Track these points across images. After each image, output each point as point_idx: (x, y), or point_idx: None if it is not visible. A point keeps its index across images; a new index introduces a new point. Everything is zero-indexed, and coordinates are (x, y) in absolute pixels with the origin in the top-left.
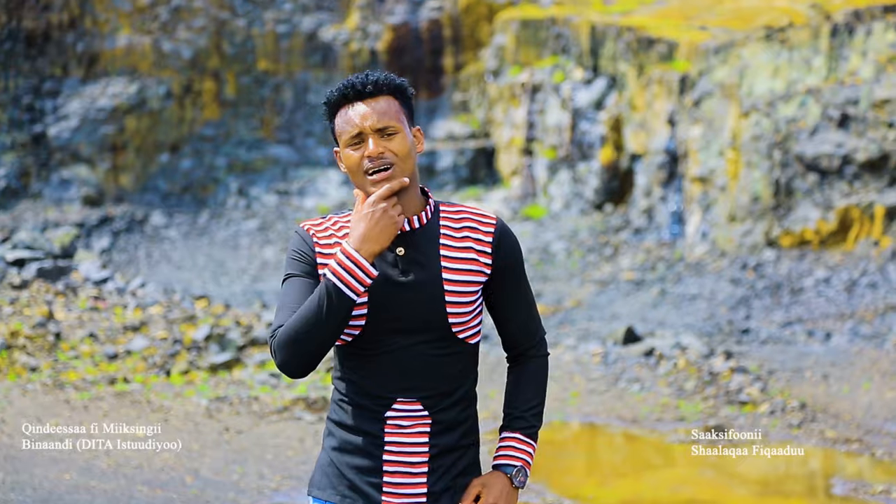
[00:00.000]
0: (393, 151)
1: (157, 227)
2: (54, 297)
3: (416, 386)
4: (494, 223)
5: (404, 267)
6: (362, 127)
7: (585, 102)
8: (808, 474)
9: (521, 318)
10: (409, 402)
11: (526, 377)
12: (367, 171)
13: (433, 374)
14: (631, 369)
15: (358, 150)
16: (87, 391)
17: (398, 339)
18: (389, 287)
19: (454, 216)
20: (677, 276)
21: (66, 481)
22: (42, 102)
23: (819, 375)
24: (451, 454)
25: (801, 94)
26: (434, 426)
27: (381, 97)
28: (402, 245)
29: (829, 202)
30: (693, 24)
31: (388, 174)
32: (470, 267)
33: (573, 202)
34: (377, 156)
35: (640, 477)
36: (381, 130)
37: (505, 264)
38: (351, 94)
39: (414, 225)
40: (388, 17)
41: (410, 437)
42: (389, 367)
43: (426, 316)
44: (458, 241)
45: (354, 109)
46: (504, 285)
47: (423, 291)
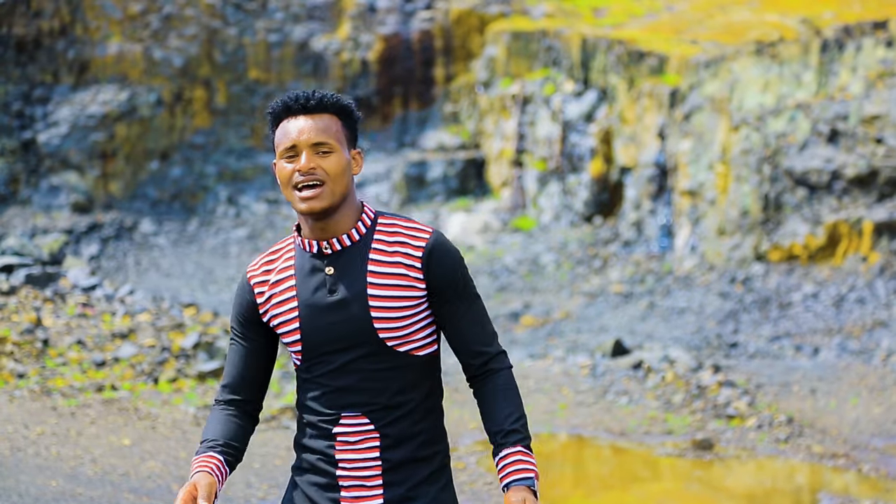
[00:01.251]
0: (325, 169)
1: (147, 235)
2: (42, 304)
3: (360, 401)
4: (427, 237)
5: (331, 286)
6: (298, 140)
7: (576, 115)
8: (795, 489)
9: (470, 334)
10: (354, 416)
11: (498, 392)
12: (296, 184)
13: (375, 388)
14: (619, 382)
15: (291, 162)
16: (74, 398)
17: (337, 357)
18: (317, 308)
19: (388, 230)
20: (666, 290)
21: (53, 488)
22: (32, 109)
23: (807, 390)
24: (407, 466)
25: (790, 108)
26: (383, 440)
27: (324, 115)
28: (332, 264)
29: (817, 217)
30: (684, 37)
31: (318, 192)
32: (399, 282)
33: (563, 214)
34: (307, 171)
35: (627, 490)
36: (316, 146)
37: (440, 279)
38: (294, 107)
39: (345, 243)
40: (379, 27)
41: (360, 452)
42: (332, 384)
43: (355, 332)
44: (389, 256)
45: (294, 122)
46: (445, 301)
47: (349, 309)
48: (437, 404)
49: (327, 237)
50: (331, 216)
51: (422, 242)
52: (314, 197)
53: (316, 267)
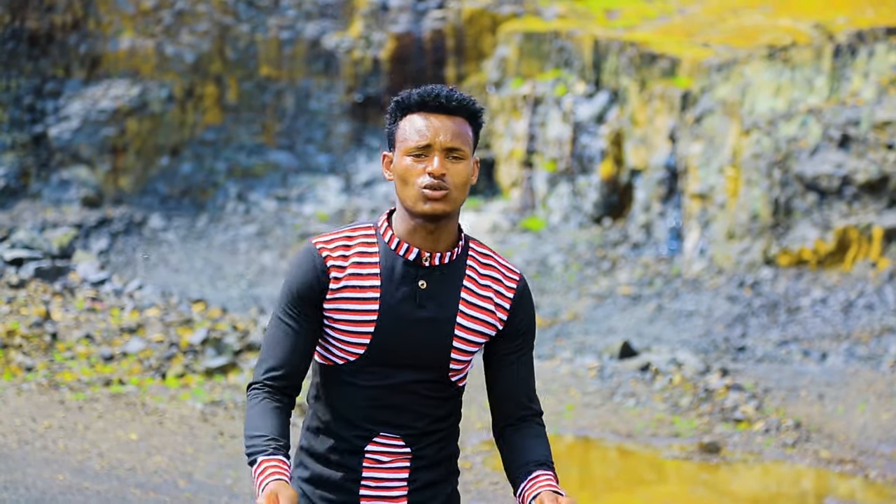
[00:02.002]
0: (454, 178)
1: (156, 230)
2: (51, 298)
3: (402, 423)
4: (518, 279)
5: (421, 301)
6: (433, 141)
7: (587, 116)
8: (802, 494)
9: (524, 385)
10: (391, 437)
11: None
12: (421, 185)
13: (421, 413)
14: (626, 384)
15: (420, 162)
16: (82, 392)
17: (393, 373)
18: (401, 320)
19: (482, 259)
20: (674, 292)
21: (60, 482)
22: (43, 103)
23: (814, 395)
24: (432, 487)
25: (802, 113)
26: (414, 461)
27: (459, 117)
28: (425, 278)
29: (827, 222)
30: (696, 40)
31: (442, 195)
32: (485, 317)
33: (572, 215)
34: (439, 175)
35: (633, 492)
36: (450, 150)
37: (520, 324)
38: (431, 103)
39: (444, 260)
40: (391, 25)
41: (389, 472)
42: (378, 400)
43: (429, 355)
44: (480, 288)
45: (429, 120)
46: (513, 346)
47: (434, 329)
48: (458, 431)
49: (430, 248)
50: (445, 224)
51: (514, 284)
52: (439, 199)
53: (408, 275)
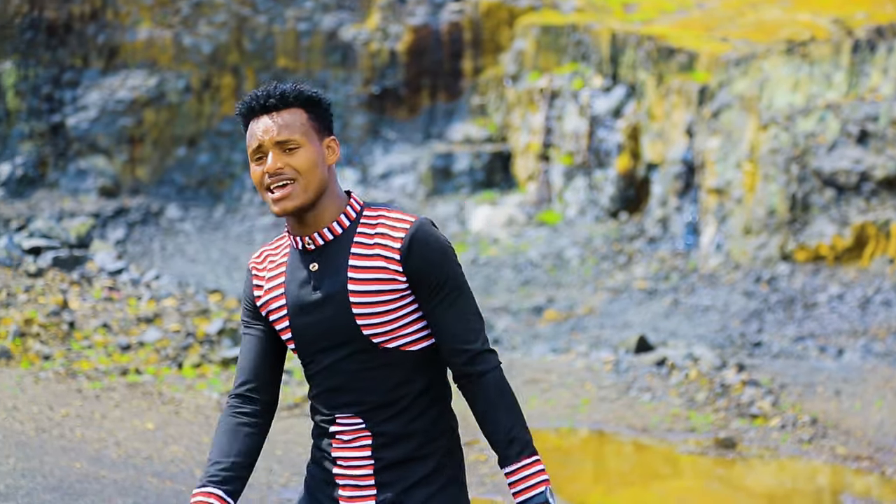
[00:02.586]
0: (293, 167)
1: (172, 220)
2: (69, 287)
3: (352, 401)
4: (407, 227)
5: (315, 283)
6: (262, 140)
7: (604, 110)
8: (817, 490)
9: (452, 330)
10: (348, 416)
11: (489, 401)
12: (267, 186)
13: (365, 387)
14: (642, 378)
15: (261, 164)
16: (99, 381)
17: (325, 356)
18: (302, 307)
19: (371, 221)
20: (691, 287)
21: (77, 470)
22: (61, 93)
23: (831, 391)
24: (400, 466)
25: (820, 108)
26: (376, 438)
27: (288, 110)
28: (316, 260)
29: (845, 218)
30: (714, 35)
31: (288, 191)
32: (379, 276)
33: (588, 209)
34: (275, 171)
35: (648, 487)
36: (280, 144)
37: (420, 270)
38: (256, 107)
39: (326, 237)
40: (408, 18)
41: (354, 450)
42: (325, 384)
43: (339, 331)
44: (369, 249)
45: (258, 123)
46: (426, 294)
47: (331, 307)
48: (436, 399)
49: (309, 232)
50: (308, 212)
51: (401, 233)
52: (285, 197)
53: (301, 262)
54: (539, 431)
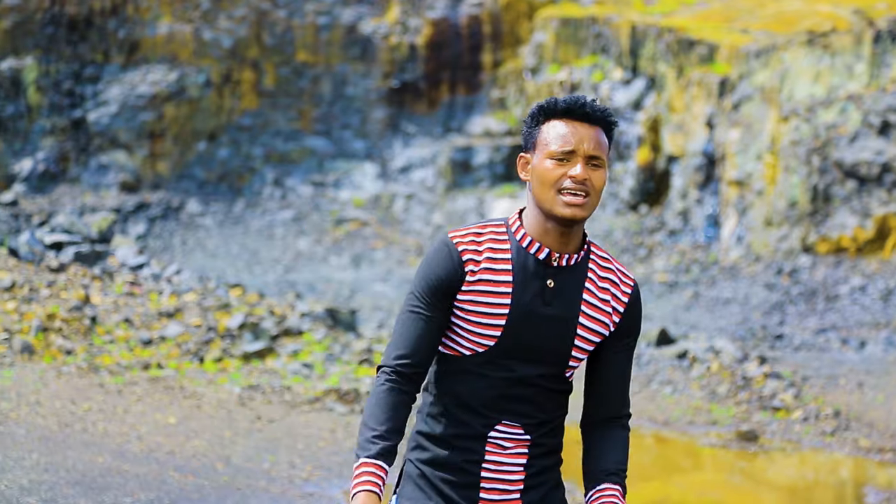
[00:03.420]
0: (594, 183)
1: (193, 215)
2: (91, 282)
3: (523, 412)
4: (633, 284)
5: (548, 299)
6: (578, 147)
7: (624, 102)
8: (840, 483)
9: (620, 387)
10: (513, 425)
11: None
12: (562, 189)
13: (540, 405)
14: (664, 371)
15: (561, 166)
16: (121, 376)
17: (518, 366)
18: (530, 315)
19: (601, 263)
20: (711, 280)
21: (99, 464)
22: (82, 88)
23: (854, 383)
24: (546, 472)
25: (841, 100)
26: (533, 449)
27: (599, 126)
28: (553, 277)
29: (867, 210)
30: (734, 26)
31: (583, 201)
32: (603, 318)
33: (608, 202)
34: (582, 181)
35: (669, 479)
36: (591, 158)
37: (630, 327)
38: (577, 112)
39: (571, 262)
40: (428, 11)
41: (510, 457)
42: (502, 391)
43: (553, 350)
44: (600, 291)
45: (574, 127)
46: (618, 347)
47: (560, 326)
48: None
49: (559, 249)
50: (577, 229)
51: (629, 288)
52: (579, 205)
53: (538, 273)
54: None
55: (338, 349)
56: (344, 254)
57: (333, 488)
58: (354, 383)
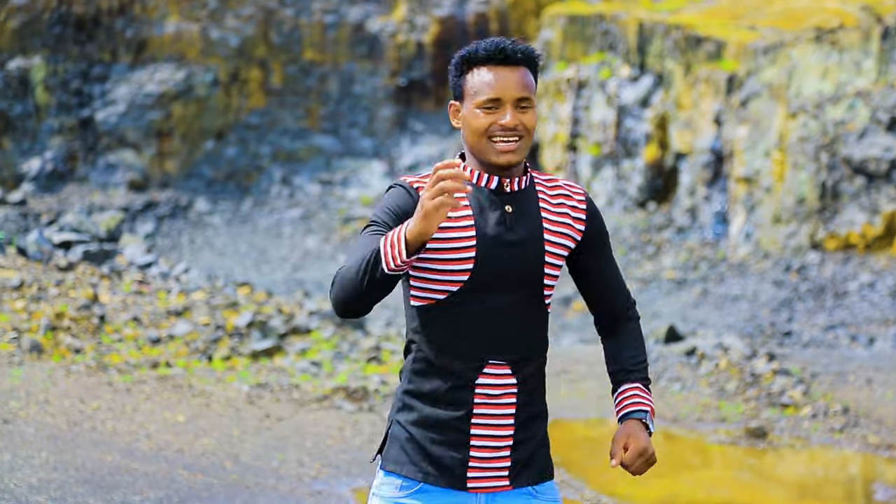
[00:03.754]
0: (525, 125)
1: (201, 214)
2: (99, 280)
3: (507, 347)
4: (583, 191)
5: (510, 224)
6: (504, 94)
7: (631, 100)
8: (850, 479)
9: (615, 282)
10: (499, 365)
11: (629, 337)
12: (493, 137)
13: (522, 335)
14: (672, 368)
15: (491, 114)
16: (129, 374)
17: (494, 297)
18: (497, 244)
19: (548, 183)
20: (720, 277)
21: (108, 462)
22: (90, 87)
23: (863, 380)
24: (531, 424)
25: (850, 96)
26: (520, 395)
27: (523, 67)
28: (510, 202)
29: (875, 206)
30: (742, 23)
31: (516, 146)
32: (566, 231)
33: (616, 199)
34: (513, 127)
35: (678, 477)
36: (519, 100)
37: (596, 231)
38: (497, 56)
39: (521, 185)
40: (435, 9)
41: (499, 408)
42: (483, 326)
43: (526, 274)
44: (555, 206)
45: (497, 73)
46: (596, 251)
47: (528, 248)
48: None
49: (509, 176)
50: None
51: (581, 196)
52: (513, 150)
53: (494, 202)
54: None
55: (346, 347)
56: None
57: (342, 486)
58: (363, 381)
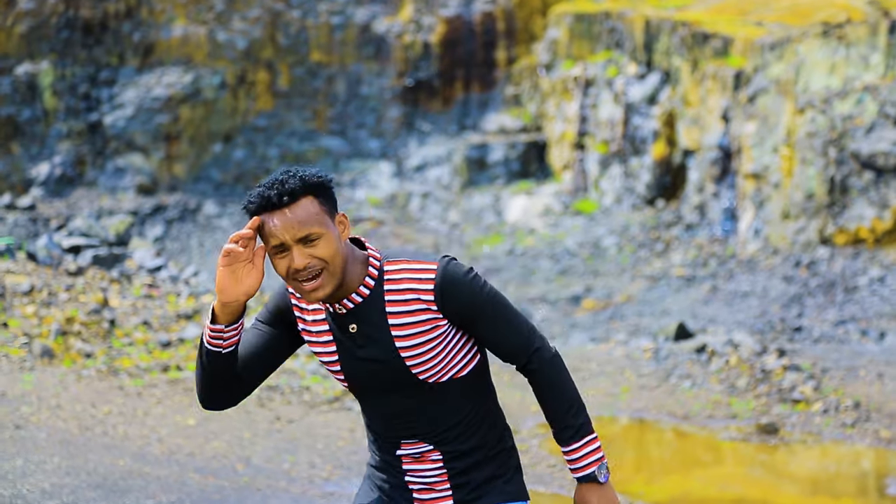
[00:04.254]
0: (318, 257)
1: (210, 217)
2: (109, 285)
3: (413, 432)
4: (433, 276)
5: (360, 342)
6: (284, 239)
7: (638, 97)
8: (862, 474)
9: (505, 343)
10: (413, 442)
11: (545, 388)
12: (293, 277)
13: (422, 419)
14: (682, 365)
15: (283, 258)
16: (140, 378)
17: (378, 399)
18: (354, 360)
19: (396, 276)
20: (729, 273)
21: (120, 467)
22: (98, 91)
23: (874, 374)
24: (472, 472)
25: (857, 91)
26: (445, 455)
27: (300, 202)
28: (353, 321)
29: (884, 200)
30: (749, 19)
31: (319, 282)
32: (421, 328)
33: (625, 197)
34: (304, 268)
35: (690, 474)
36: (302, 239)
37: (458, 310)
38: (268, 206)
39: (356, 301)
40: (441, 9)
41: (425, 464)
42: (382, 418)
43: (394, 380)
44: (404, 305)
45: (274, 221)
46: (470, 323)
47: (382, 362)
48: (490, 409)
49: (339, 299)
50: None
51: (429, 284)
52: (317, 288)
53: (339, 324)
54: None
55: None
56: None
57: (353, 487)
58: None
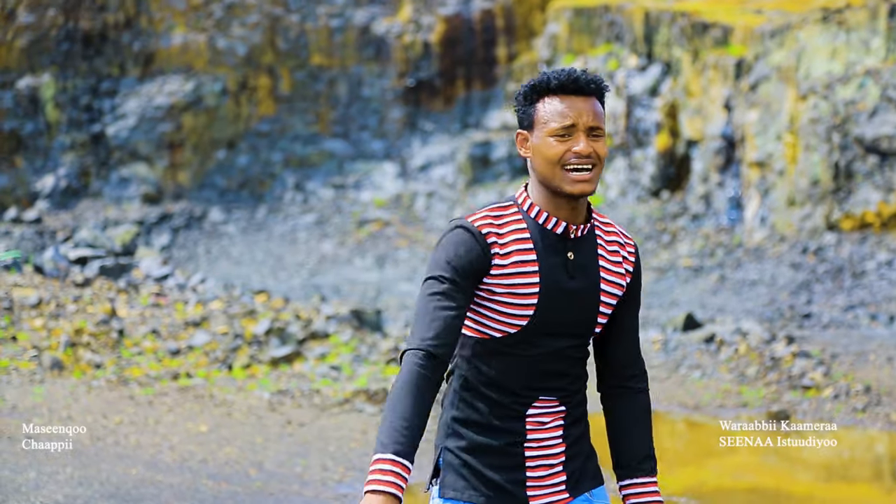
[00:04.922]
0: (598, 154)
1: (216, 224)
2: (116, 295)
3: (558, 386)
4: (633, 242)
5: (572, 272)
6: (578, 122)
7: (640, 89)
8: (874, 459)
9: (631, 343)
10: (550, 399)
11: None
12: (566, 164)
13: (570, 374)
14: (692, 356)
15: (564, 142)
16: (150, 387)
17: (551, 341)
18: (557, 290)
19: (605, 227)
20: (736, 262)
21: (133, 476)
22: (100, 102)
23: (883, 358)
24: (580, 440)
25: (859, 75)
26: (567, 418)
27: (594, 97)
28: (572, 250)
29: (889, 184)
30: (748, 7)
31: (590, 175)
32: (618, 280)
33: (629, 190)
34: (587, 154)
35: (703, 464)
36: (592, 129)
37: (637, 284)
38: (570, 86)
39: (584, 232)
40: (440, 8)
41: (550, 431)
42: (537, 368)
43: (581, 321)
44: (610, 255)
45: (570, 102)
46: (628, 305)
47: (585, 298)
48: None
49: (572, 220)
50: (581, 202)
51: (632, 248)
52: (587, 180)
53: (558, 248)
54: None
55: (365, 350)
56: (368, 255)
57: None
58: (383, 383)
